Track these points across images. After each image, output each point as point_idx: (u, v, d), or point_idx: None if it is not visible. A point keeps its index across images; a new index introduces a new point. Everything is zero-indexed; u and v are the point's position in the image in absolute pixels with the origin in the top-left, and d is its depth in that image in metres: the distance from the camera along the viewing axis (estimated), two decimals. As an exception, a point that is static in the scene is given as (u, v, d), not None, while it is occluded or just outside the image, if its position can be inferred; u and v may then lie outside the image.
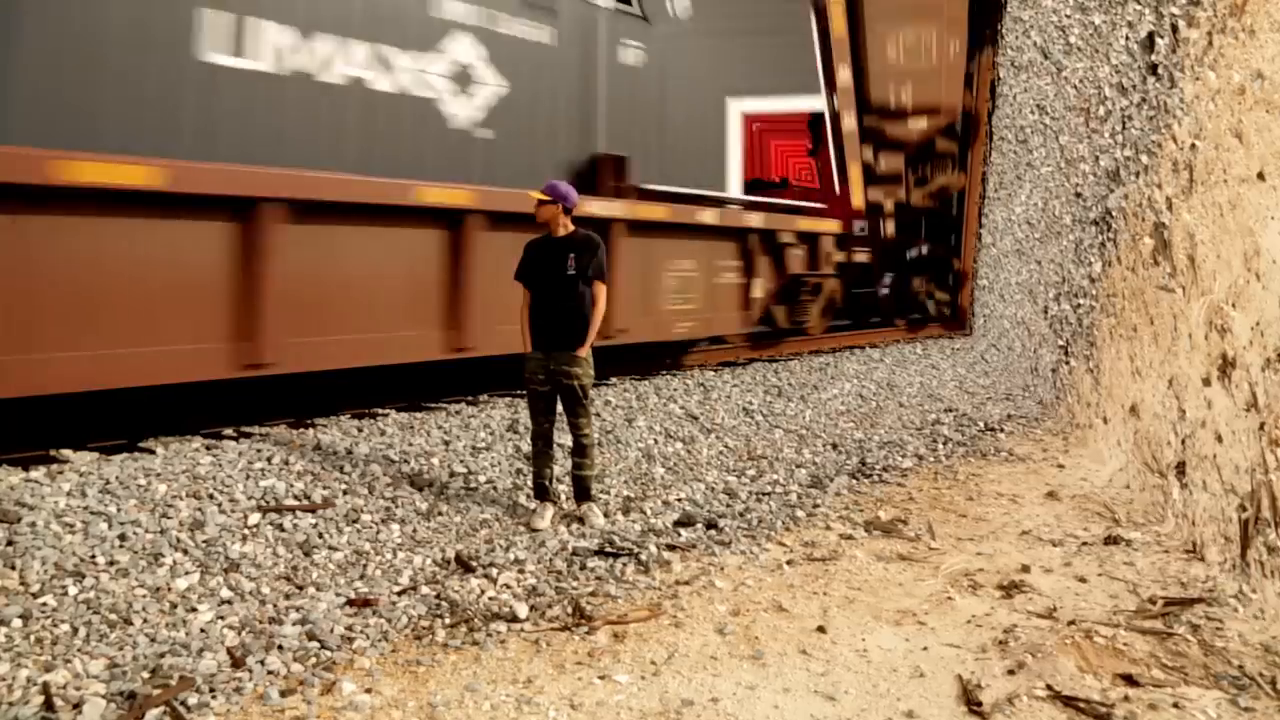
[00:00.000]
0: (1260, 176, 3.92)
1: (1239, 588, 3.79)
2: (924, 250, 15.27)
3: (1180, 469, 4.73)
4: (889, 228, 14.53)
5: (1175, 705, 2.92)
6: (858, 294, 13.75)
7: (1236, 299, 4.11)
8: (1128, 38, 6.15)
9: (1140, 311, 5.63)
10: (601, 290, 4.84)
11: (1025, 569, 4.26)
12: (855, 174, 13.75)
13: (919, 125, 14.68)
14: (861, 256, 13.37)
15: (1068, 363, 8.03)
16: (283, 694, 2.88)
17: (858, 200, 13.64)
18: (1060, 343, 8.38)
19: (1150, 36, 5.62)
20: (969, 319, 15.49)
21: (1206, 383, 4.41)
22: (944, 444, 7.17)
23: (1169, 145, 5.16)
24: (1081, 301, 7.47)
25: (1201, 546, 4.32)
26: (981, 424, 8.05)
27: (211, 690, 2.88)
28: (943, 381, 10.62)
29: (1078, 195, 7.76)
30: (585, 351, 4.79)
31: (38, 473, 4.60)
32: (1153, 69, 5.53)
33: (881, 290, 14.65)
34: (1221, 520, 4.14)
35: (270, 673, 3.02)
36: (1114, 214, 6.39)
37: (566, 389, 4.78)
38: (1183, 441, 4.73)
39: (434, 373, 7.54)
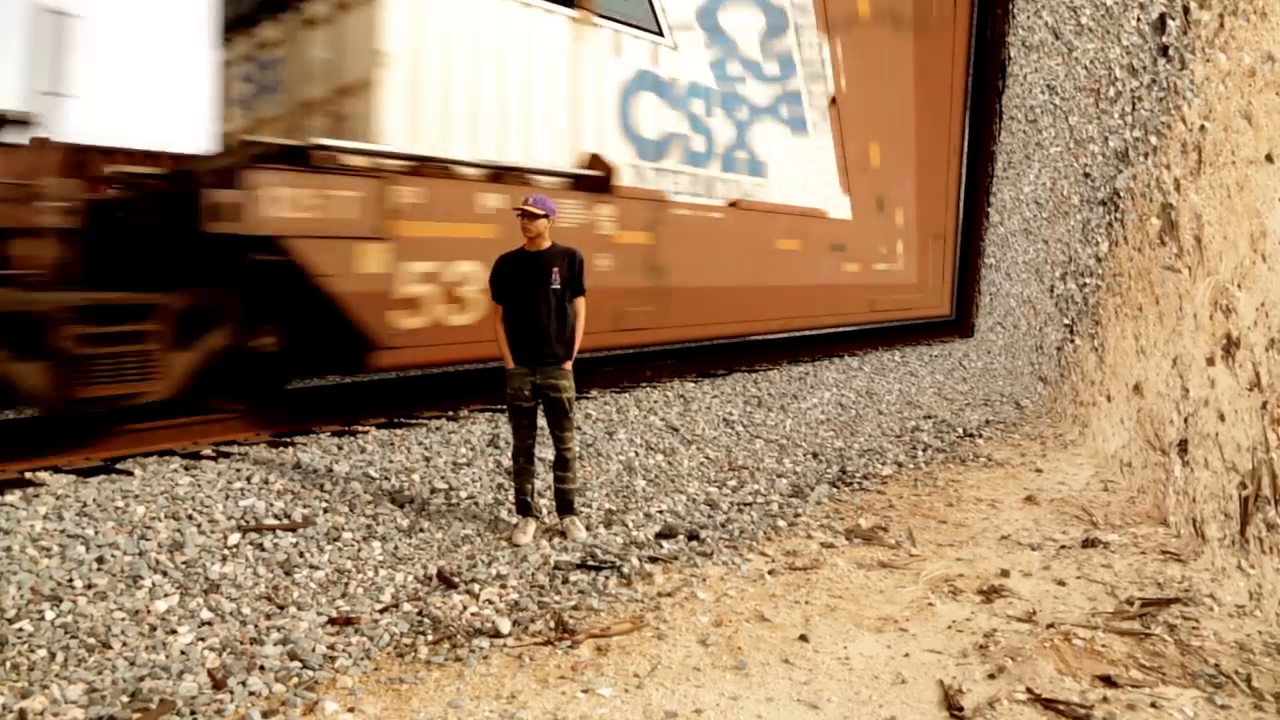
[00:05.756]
0: (1269, 159, 3.98)
1: (1232, 565, 3.85)
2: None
3: (1182, 447, 4.79)
4: None
5: (1153, 705, 2.96)
6: None
7: (1242, 280, 4.17)
8: (1139, 19, 6.24)
9: (1146, 291, 5.70)
10: (583, 304, 4.85)
11: (1005, 573, 4.29)
12: None
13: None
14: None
15: (1073, 341, 8.13)
16: (265, 715, 2.86)
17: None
18: (1066, 321, 8.49)
19: (1162, 18, 5.71)
20: (970, 321, 15.20)
21: (1210, 362, 4.47)
22: (923, 450, 7.22)
23: (1178, 127, 5.24)
24: (1087, 280, 7.56)
25: (1201, 523, 4.38)
26: (960, 430, 8.12)
27: (193, 713, 2.86)
28: (921, 388, 10.71)
29: (1086, 175, 7.87)
30: (570, 365, 4.81)
31: (13, 496, 4.55)
32: (1163, 50, 5.62)
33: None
34: (1222, 497, 4.20)
35: (252, 694, 3.00)
36: (1122, 194, 6.47)
37: (554, 403, 4.78)
38: (1185, 420, 4.79)
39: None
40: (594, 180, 8.20)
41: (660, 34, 9.10)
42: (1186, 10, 5.24)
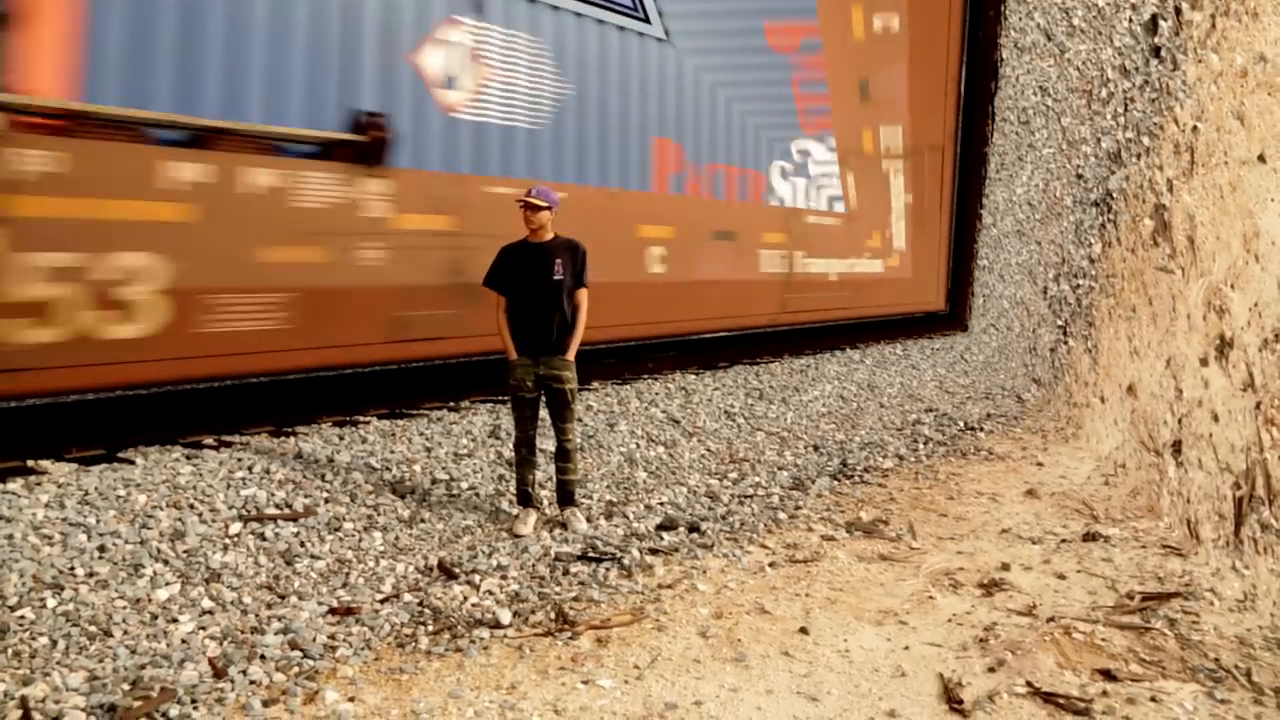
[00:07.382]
0: (1261, 159, 3.98)
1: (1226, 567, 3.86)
2: None
3: (1176, 447, 4.79)
4: None
5: (1153, 699, 2.96)
6: None
7: (1235, 280, 4.17)
8: (1131, 20, 6.24)
9: (1139, 292, 5.70)
10: (585, 295, 4.85)
11: (1005, 567, 4.30)
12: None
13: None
14: None
15: (1066, 342, 8.14)
16: (265, 704, 2.87)
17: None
18: (1059, 323, 8.51)
19: (1153, 19, 5.70)
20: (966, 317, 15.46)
21: (1204, 363, 4.47)
22: (924, 444, 7.22)
23: (1170, 127, 5.23)
24: (1081, 282, 7.57)
25: (1195, 524, 4.38)
26: (961, 423, 8.12)
27: (193, 701, 2.86)
28: (923, 382, 10.70)
29: (1079, 177, 7.87)
30: (573, 356, 4.81)
31: (15, 484, 4.56)
32: (1155, 51, 5.62)
33: None
34: (1216, 498, 4.20)
35: (253, 683, 3.00)
36: (1115, 195, 6.47)
37: (557, 394, 4.78)
38: (1179, 420, 4.79)
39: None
40: None
41: None
42: (1178, 11, 5.23)
